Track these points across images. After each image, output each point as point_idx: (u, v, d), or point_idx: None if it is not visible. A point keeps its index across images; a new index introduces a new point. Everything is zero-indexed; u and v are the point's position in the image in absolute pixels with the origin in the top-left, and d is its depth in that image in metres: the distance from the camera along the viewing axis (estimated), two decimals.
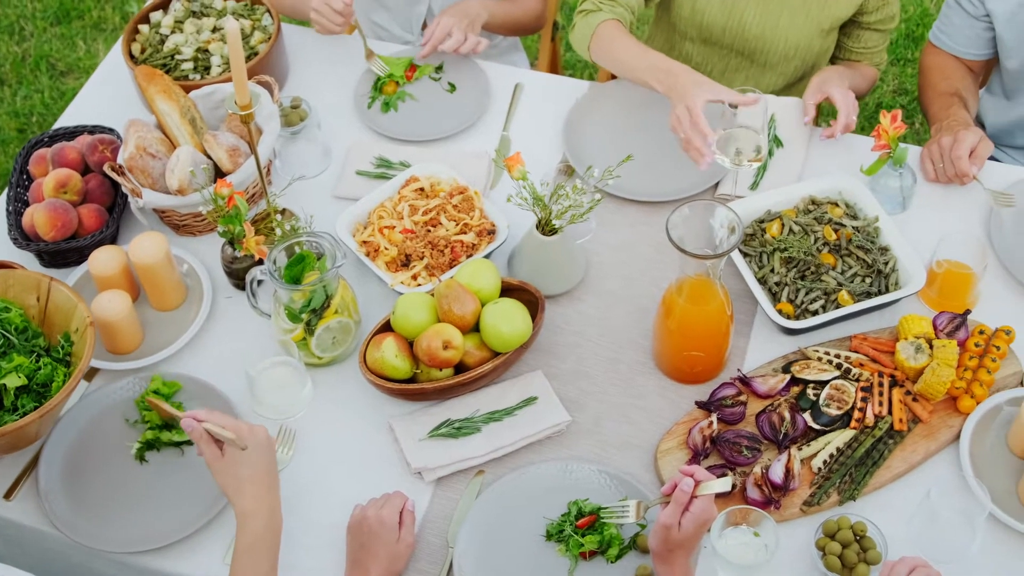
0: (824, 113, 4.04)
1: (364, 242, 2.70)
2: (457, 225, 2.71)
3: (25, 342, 2.46)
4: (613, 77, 3.19)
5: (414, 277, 2.64)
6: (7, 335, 2.44)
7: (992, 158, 3.05)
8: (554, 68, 3.83)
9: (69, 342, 2.47)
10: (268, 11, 3.14)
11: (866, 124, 4.54)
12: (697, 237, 2.35)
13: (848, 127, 2.89)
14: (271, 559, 2.16)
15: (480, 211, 2.73)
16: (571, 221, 2.55)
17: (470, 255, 2.66)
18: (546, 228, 2.58)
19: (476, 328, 2.50)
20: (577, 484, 2.39)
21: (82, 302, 2.46)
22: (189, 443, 2.47)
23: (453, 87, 3.13)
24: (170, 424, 2.47)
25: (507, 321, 2.45)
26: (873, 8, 3.09)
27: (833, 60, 3.29)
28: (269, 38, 3.06)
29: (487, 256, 2.68)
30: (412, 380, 2.49)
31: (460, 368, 2.50)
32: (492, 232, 2.71)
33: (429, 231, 2.71)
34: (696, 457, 2.40)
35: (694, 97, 2.70)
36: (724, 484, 2.08)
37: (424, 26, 3.48)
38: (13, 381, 2.38)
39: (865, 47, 3.20)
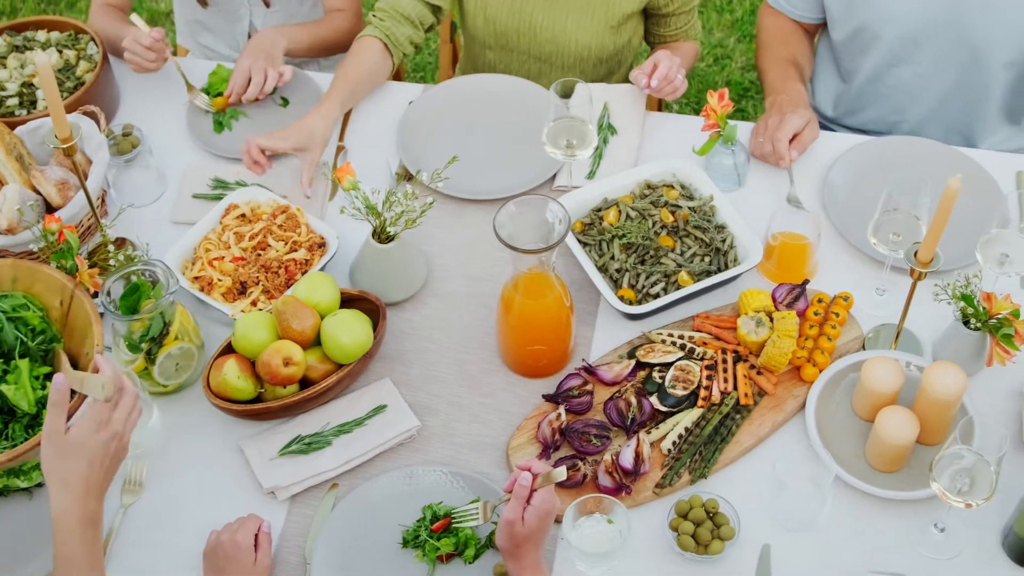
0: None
1: (196, 278, 2.67)
2: (286, 244, 2.69)
3: (40, 346, 2.38)
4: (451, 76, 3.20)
5: (253, 303, 2.62)
6: (21, 337, 2.36)
7: (827, 128, 3.10)
8: (395, 76, 3.81)
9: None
10: (93, 39, 3.10)
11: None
12: (533, 231, 2.35)
13: (668, 79, 2.91)
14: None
15: (306, 226, 2.71)
16: (406, 227, 2.55)
17: (305, 271, 2.65)
18: (382, 236, 2.57)
19: (318, 342, 2.48)
20: (430, 488, 2.39)
21: (98, 323, 2.39)
22: (41, 485, 2.42)
23: (286, 101, 3.11)
24: (18, 471, 2.41)
25: (347, 332, 2.44)
26: (666, 1, 3.15)
27: (652, 47, 3.33)
28: (95, 67, 3.02)
29: (322, 269, 2.66)
30: (258, 400, 2.47)
31: (306, 383, 2.48)
32: (323, 245, 2.69)
33: (259, 255, 2.69)
34: (547, 450, 2.41)
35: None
36: (560, 474, 2.09)
37: None
38: (22, 396, 2.31)
39: (677, 28, 3.26)
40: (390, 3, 3.08)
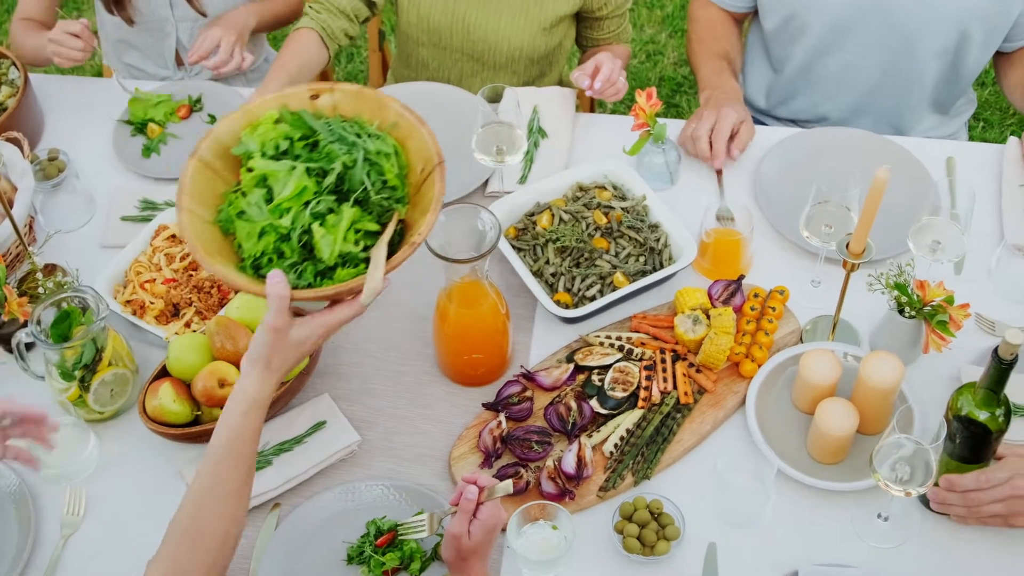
0: None
1: (128, 301, 2.64)
2: None
3: (381, 200, 2.04)
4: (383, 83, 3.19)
5: (187, 325, 2.59)
6: (365, 186, 2.01)
7: (759, 122, 3.10)
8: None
9: None
10: (14, 64, 3.06)
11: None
12: (465, 240, 2.34)
13: (611, 81, 2.90)
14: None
15: None
16: None
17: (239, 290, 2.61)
18: None
19: None
20: (374, 503, 2.37)
21: (436, 212, 2.02)
22: None
23: (213, 118, 3.08)
24: None
25: None
26: (599, 5, 3.16)
27: (583, 50, 3.33)
28: (17, 91, 2.98)
29: None
30: (196, 422, 2.44)
31: None
32: None
33: (191, 275, 2.66)
34: (488, 459, 2.40)
35: None
36: (505, 488, 2.08)
37: (178, 59, 3.44)
38: (328, 243, 1.97)
39: (609, 32, 3.26)
40: None
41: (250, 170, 2.02)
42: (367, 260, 1.99)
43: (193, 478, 1.99)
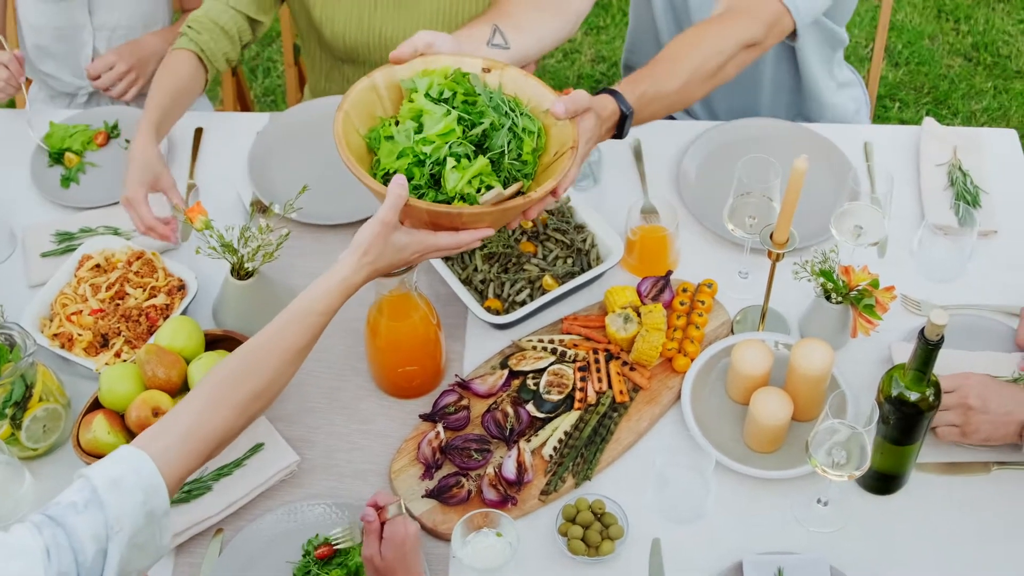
0: None
1: (55, 335, 2.61)
2: (145, 291, 2.64)
3: (512, 167, 2.20)
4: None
5: (117, 355, 2.57)
6: (503, 150, 2.19)
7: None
8: (244, 105, 3.78)
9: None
10: None
11: None
12: None
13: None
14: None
15: (163, 270, 2.67)
16: (264, 260, 2.52)
17: (167, 316, 2.60)
18: (241, 272, 2.54)
19: (187, 388, 2.44)
20: (316, 522, 2.36)
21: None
22: None
23: (128, 143, 3.04)
24: None
25: None
26: None
27: None
28: None
29: (184, 312, 2.62)
30: None
31: None
32: (183, 287, 2.65)
33: (118, 305, 2.64)
34: (429, 470, 2.39)
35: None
36: (396, 508, 2.12)
37: None
38: (455, 178, 2.14)
39: None
40: (208, 14, 2.95)
41: (411, 101, 2.24)
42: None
43: (246, 343, 2.04)
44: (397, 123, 2.23)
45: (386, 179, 2.16)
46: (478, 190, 2.13)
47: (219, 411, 1.95)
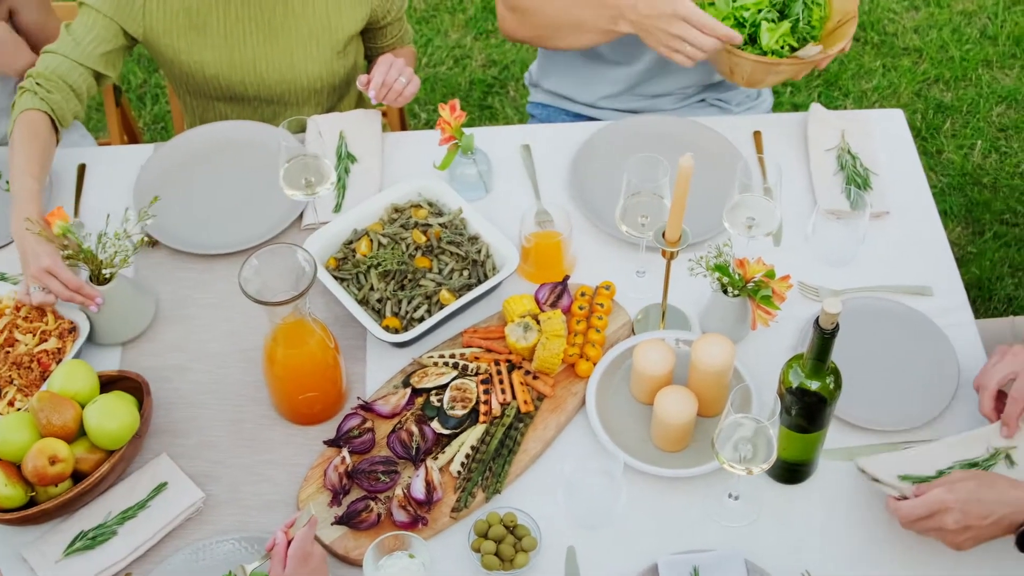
0: None
1: None
2: (35, 336, 2.58)
3: (805, 31, 2.85)
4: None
5: (10, 404, 2.50)
6: (798, 17, 2.82)
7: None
8: (131, 135, 3.71)
9: None
10: None
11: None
12: (284, 279, 2.29)
13: (386, 85, 2.90)
14: None
15: (53, 313, 2.61)
16: (122, 264, 2.53)
17: (60, 360, 2.55)
18: (100, 278, 2.54)
19: (84, 432, 2.39)
20: (225, 558, 2.32)
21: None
22: None
23: (9, 185, 2.98)
24: None
25: (111, 417, 2.35)
26: (384, 13, 3.12)
27: (371, 61, 3.30)
28: None
29: (77, 355, 2.56)
30: (32, 503, 2.36)
31: (79, 476, 2.38)
32: (74, 329, 2.59)
33: (8, 352, 2.57)
34: (337, 496, 2.36)
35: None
36: (307, 514, 2.11)
37: None
38: (769, 35, 2.78)
39: (393, 37, 3.25)
40: (56, 72, 2.85)
41: None
42: None
43: None
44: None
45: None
46: (781, 47, 2.75)
47: None
